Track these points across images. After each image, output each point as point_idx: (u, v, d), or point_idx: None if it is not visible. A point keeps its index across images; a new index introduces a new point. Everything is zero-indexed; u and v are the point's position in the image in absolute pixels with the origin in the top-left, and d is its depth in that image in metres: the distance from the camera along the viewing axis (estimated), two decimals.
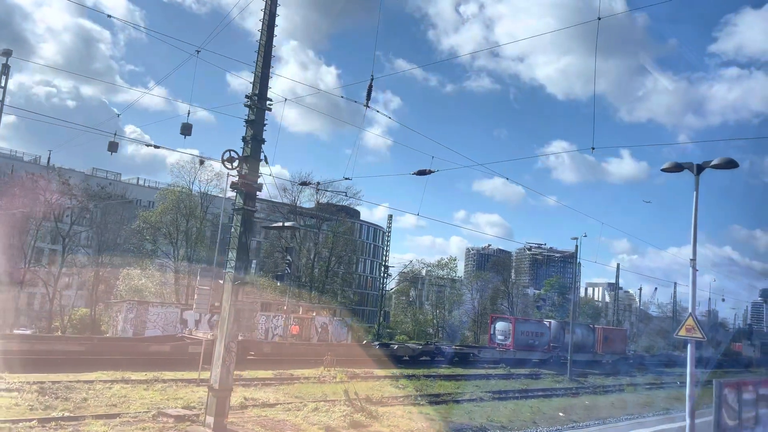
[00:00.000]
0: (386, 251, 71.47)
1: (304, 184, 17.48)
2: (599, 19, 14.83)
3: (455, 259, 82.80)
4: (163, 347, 29.91)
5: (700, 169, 13.67)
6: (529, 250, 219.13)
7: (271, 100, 16.94)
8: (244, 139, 16.74)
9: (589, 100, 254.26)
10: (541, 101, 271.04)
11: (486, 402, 27.71)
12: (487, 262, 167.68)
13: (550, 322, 54.86)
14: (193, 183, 52.11)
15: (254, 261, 70.94)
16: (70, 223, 43.09)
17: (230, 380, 15.91)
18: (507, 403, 28.20)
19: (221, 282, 17.02)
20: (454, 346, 48.72)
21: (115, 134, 22.39)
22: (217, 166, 53.35)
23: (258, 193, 16.78)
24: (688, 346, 13.14)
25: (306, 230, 64.76)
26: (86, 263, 46.13)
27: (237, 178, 16.42)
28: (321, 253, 64.12)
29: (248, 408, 19.62)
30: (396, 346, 40.57)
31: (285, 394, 24.12)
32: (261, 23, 16.74)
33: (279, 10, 16.61)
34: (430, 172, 15.62)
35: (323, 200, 68.14)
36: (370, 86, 15.17)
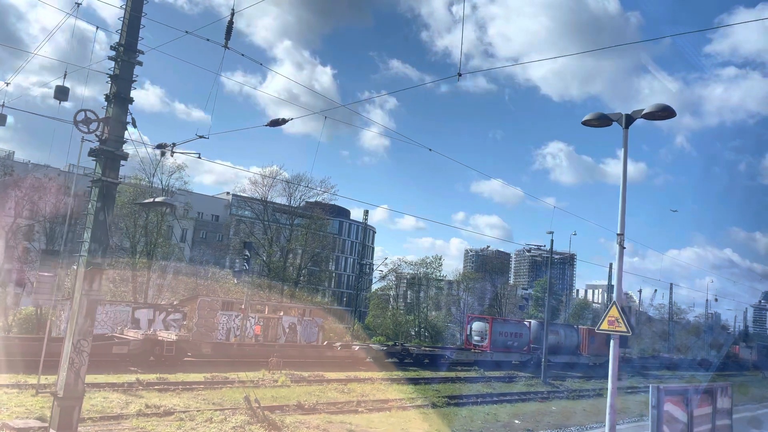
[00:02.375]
0: (362, 248, 68.71)
1: (159, 147, 14.58)
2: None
3: (440, 258, 79.80)
4: None
5: (629, 120, 10.91)
6: (528, 251, 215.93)
7: (142, 52, 14.25)
8: (106, 97, 14.04)
9: (584, 101, 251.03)
10: (536, 102, 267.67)
11: (438, 408, 24.95)
12: (486, 263, 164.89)
13: (530, 322, 51.86)
14: (153, 176, 49.55)
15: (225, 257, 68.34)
16: (13, 216, 40.59)
17: (80, 387, 13.13)
18: (462, 409, 25.44)
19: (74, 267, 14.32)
20: (424, 348, 45.85)
21: (3, 105, 19.64)
22: (181, 158, 50.76)
23: (123, 162, 14.05)
24: (611, 342, 10.40)
25: (279, 226, 62.02)
26: (34, 259, 43.57)
27: (97, 144, 13.76)
28: (294, 251, 61.38)
29: (135, 417, 16.89)
30: (357, 347, 37.77)
31: (203, 401, 21.41)
32: None
33: (272, 10, 14.12)
34: (284, 121, 12.99)
35: (303, 197, 65.49)
36: (230, 22, 12.47)
